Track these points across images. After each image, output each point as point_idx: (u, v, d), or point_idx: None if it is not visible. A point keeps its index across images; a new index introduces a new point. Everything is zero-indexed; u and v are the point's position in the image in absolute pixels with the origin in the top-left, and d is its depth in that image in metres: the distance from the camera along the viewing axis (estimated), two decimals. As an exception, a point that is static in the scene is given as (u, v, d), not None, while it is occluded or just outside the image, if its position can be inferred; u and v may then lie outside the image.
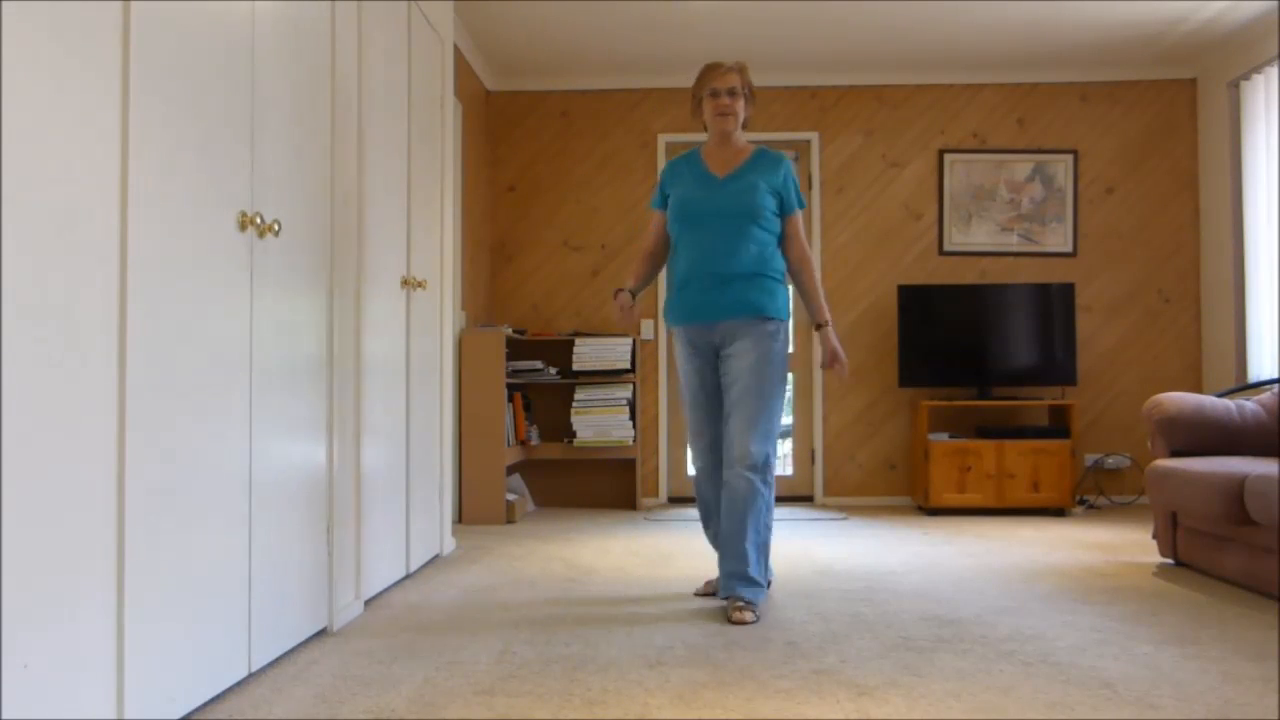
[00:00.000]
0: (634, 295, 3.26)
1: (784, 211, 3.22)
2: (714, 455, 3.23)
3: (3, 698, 1.52)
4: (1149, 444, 4.05)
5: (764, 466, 3.05)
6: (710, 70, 3.22)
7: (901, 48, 5.62)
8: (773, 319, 3.13)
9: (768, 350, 3.09)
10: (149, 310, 1.91)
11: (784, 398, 3.16)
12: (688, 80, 6.00)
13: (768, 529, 3.10)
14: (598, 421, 5.58)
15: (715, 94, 3.20)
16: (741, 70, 3.23)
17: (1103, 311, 5.94)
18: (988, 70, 5.96)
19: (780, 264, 3.21)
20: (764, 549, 3.09)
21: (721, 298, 3.11)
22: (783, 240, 3.24)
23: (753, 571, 3.04)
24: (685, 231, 3.18)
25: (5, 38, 1.52)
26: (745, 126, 3.28)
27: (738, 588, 3.03)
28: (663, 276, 6.13)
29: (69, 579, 1.69)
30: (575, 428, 5.59)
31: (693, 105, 3.30)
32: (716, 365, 3.20)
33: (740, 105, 3.22)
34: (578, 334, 5.80)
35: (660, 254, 3.38)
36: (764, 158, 3.23)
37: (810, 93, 6.04)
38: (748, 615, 2.94)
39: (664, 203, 3.32)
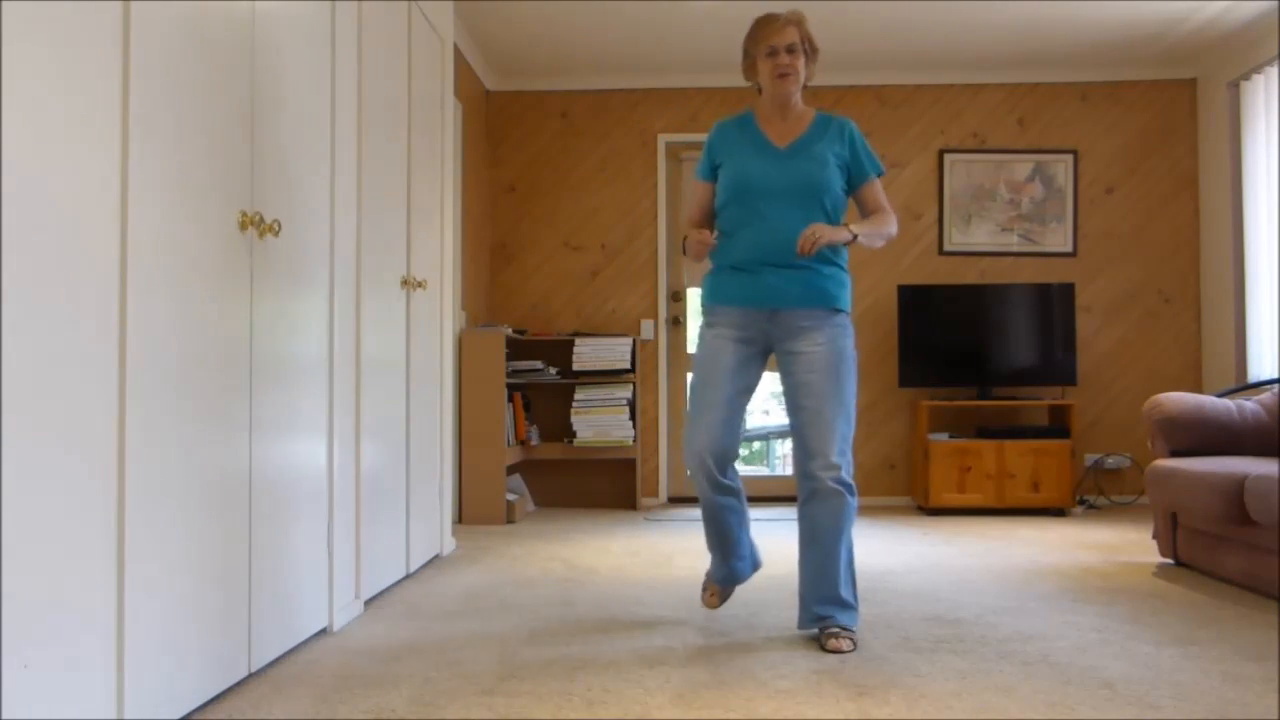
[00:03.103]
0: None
1: (857, 181, 2.86)
2: (712, 452, 2.76)
3: (3, 698, 1.52)
4: (1149, 444, 4.05)
5: (851, 477, 2.72)
6: (766, 24, 2.81)
7: (901, 48, 5.62)
8: (844, 312, 2.81)
9: (844, 348, 2.76)
10: (149, 310, 1.91)
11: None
12: (688, 80, 6.02)
13: (853, 544, 2.79)
14: (598, 421, 5.58)
15: (774, 52, 2.79)
16: (800, 22, 2.81)
17: (1103, 311, 5.94)
18: (988, 70, 5.96)
19: (846, 250, 2.87)
20: (851, 566, 2.76)
21: (790, 283, 2.75)
22: (864, 210, 2.90)
23: (845, 593, 2.71)
24: (744, 208, 2.79)
25: (5, 38, 1.52)
26: (806, 85, 2.87)
27: (835, 614, 2.69)
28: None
29: (69, 579, 1.69)
30: (575, 428, 5.59)
31: (745, 64, 2.89)
32: (757, 355, 2.82)
33: (801, 64, 2.81)
34: (578, 334, 5.80)
35: (709, 228, 2.95)
36: (828, 125, 2.85)
37: (810, 93, 6.01)
38: (845, 644, 2.62)
39: (712, 173, 2.90)
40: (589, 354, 5.62)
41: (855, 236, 2.74)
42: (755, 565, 3.02)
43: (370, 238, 3.21)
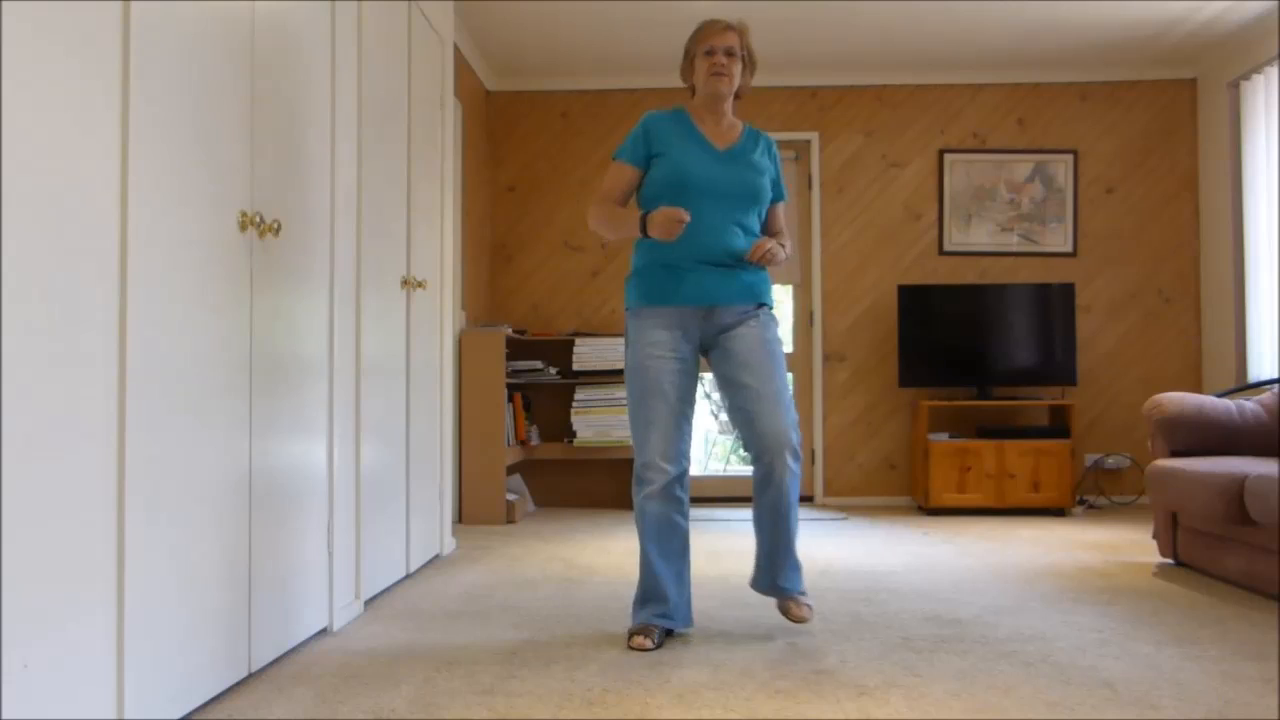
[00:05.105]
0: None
1: (774, 199, 2.96)
2: (669, 460, 2.75)
3: (3, 698, 1.52)
4: (1149, 444, 4.05)
5: (799, 449, 2.81)
6: (708, 26, 2.87)
7: (901, 48, 5.62)
8: (770, 307, 2.90)
9: (774, 334, 2.85)
10: (149, 310, 1.91)
11: None
12: (688, 80, 6.01)
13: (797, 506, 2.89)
14: (598, 421, 5.58)
15: (711, 52, 2.84)
16: (742, 31, 2.89)
17: (1103, 311, 5.94)
18: (988, 70, 5.96)
19: None
20: (798, 522, 2.88)
21: (726, 282, 2.79)
22: (769, 229, 2.98)
23: (798, 556, 2.88)
24: (680, 203, 2.76)
25: (5, 38, 1.52)
26: (739, 96, 2.93)
27: (794, 581, 2.83)
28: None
29: (69, 579, 1.68)
30: (575, 428, 5.59)
31: (684, 62, 2.95)
32: (691, 358, 2.82)
33: (737, 69, 2.87)
34: (578, 334, 5.80)
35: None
36: (759, 140, 2.94)
37: (810, 93, 6.04)
38: (805, 611, 2.76)
39: (645, 162, 2.88)
40: (589, 354, 5.62)
41: (785, 259, 2.89)
42: (688, 620, 2.83)
43: (370, 238, 3.21)
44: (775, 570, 2.84)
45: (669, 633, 2.77)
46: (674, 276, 2.79)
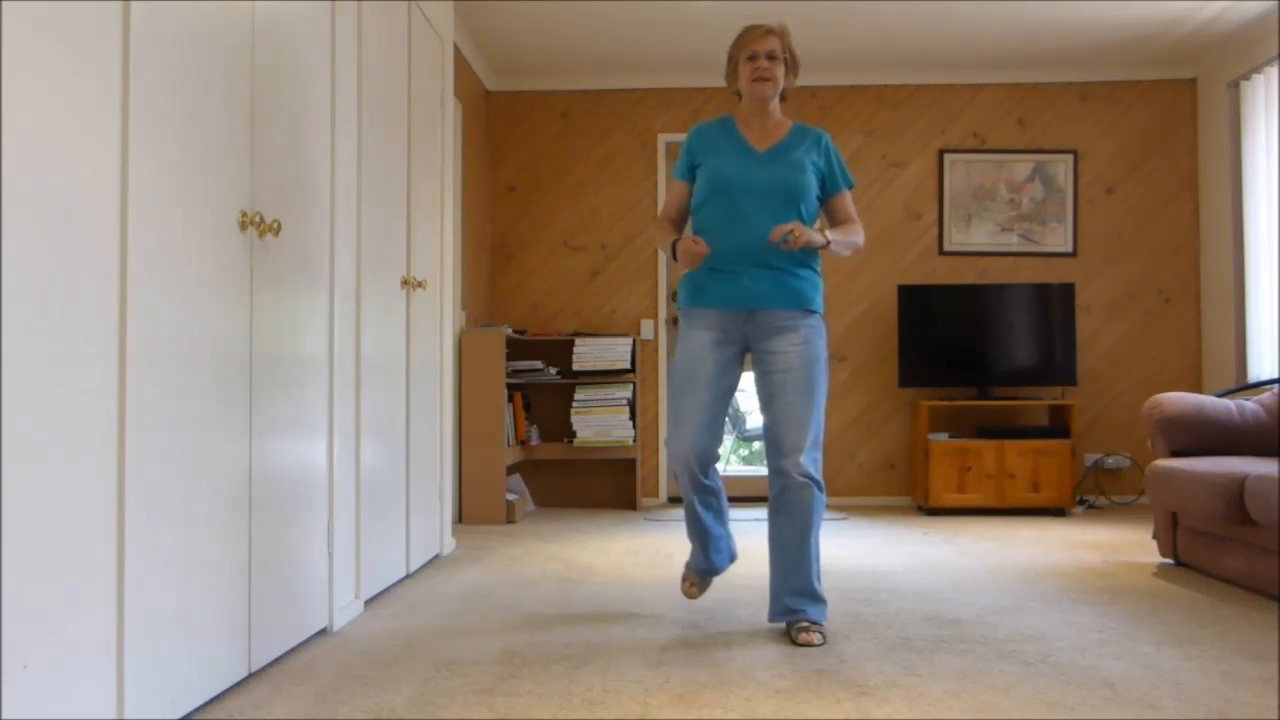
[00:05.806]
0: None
1: (830, 191, 2.97)
2: (694, 454, 2.84)
3: (3, 698, 1.52)
4: (1149, 444, 4.05)
5: (819, 472, 2.84)
6: (749, 32, 2.94)
7: (901, 48, 5.62)
8: (817, 314, 2.92)
9: (818, 350, 2.86)
10: (149, 310, 1.91)
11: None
12: (688, 80, 6.02)
13: (819, 540, 2.91)
14: (598, 421, 5.58)
15: (753, 58, 2.90)
16: (783, 34, 2.94)
17: (1103, 311, 5.94)
18: (988, 70, 5.96)
19: (820, 254, 2.96)
20: (819, 560, 2.85)
21: (766, 285, 2.84)
22: (834, 221, 3.00)
23: (816, 585, 2.81)
24: (721, 208, 2.86)
25: (5, 38, 1.52)
26: (784, 98, 2.98)
27: (805, 606, 2.78)
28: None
29: (69, 579, 1.69)
30: (575, 428, 5.59)
31: (728, 70, 3.01)
32: (735, 357, 2.90)
33: (780, 71, 2.91)
34: (578, 334, 5.80)
35: (682, 227, 3.07)
36: (806, 135, 2.95)
37: (810, 93, 6.04)
38: (815, 637, 2.70)
39: (690, 173, 2.98)
40: (589, 354, 5.63)
41: (829, 242, 2.87)
42: (732, 557, 3.10)
43: (370, 238, 3.21)
44: (785, 594, 2.81)
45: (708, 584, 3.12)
46: (718, 279, 2.88)
